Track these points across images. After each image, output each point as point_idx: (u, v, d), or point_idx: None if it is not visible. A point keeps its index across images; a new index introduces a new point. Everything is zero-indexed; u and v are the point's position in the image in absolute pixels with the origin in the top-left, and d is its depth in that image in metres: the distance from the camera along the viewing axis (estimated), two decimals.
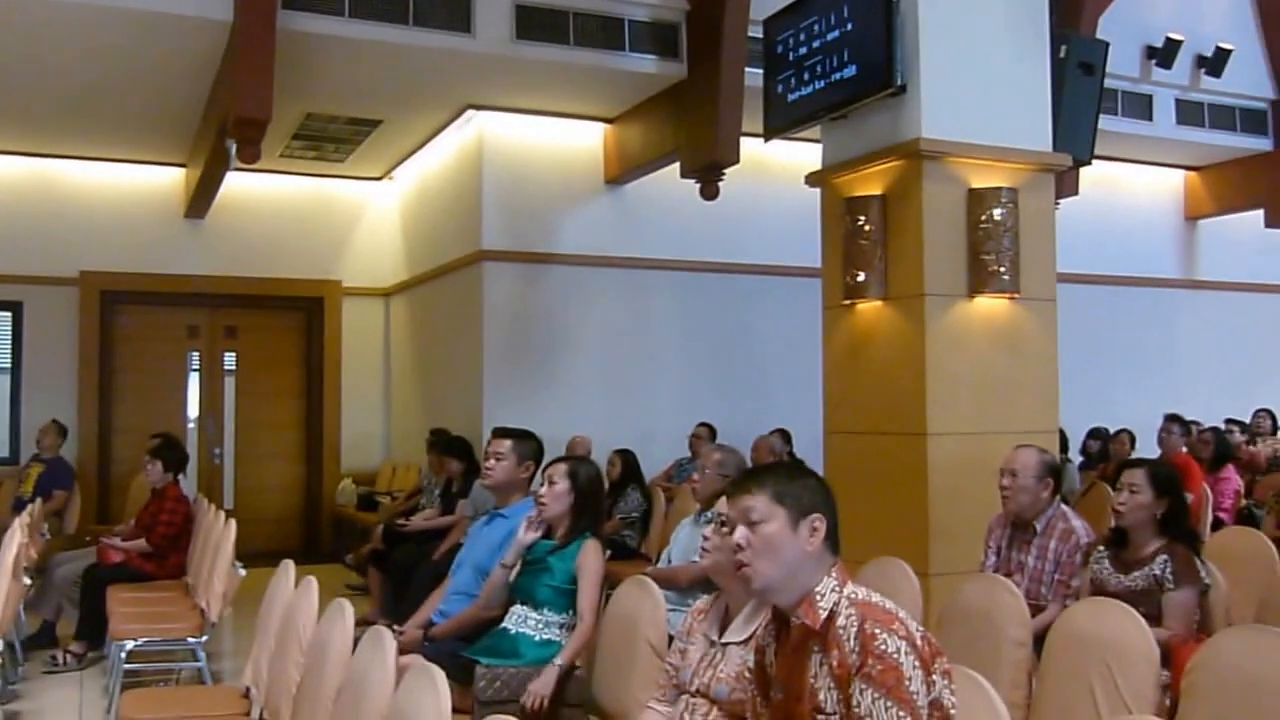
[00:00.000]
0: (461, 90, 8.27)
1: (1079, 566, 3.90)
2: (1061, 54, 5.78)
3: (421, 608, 4.10)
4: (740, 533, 2.12)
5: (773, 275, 9.15)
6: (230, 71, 6.78)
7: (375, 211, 10.96)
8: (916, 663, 1.96)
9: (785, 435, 8.47)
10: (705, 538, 2.72)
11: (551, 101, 8.57)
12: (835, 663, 2.00)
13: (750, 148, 7.61)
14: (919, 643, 2.00)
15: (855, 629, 1.99)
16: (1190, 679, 2.78)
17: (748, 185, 8.73)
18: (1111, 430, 9.09)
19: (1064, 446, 8.59)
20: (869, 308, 5.39)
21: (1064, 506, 4.15)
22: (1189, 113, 9.79)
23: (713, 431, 8.41)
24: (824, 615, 2.06)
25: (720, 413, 8.73)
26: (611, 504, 7.35)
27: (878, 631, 1.97)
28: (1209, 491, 7.44)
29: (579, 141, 9.02)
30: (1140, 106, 9.51)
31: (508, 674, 3.28)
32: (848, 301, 5.45)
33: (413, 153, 9.96)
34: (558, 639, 3.49)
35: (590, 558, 3.55)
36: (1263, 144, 10.12)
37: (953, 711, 2.02)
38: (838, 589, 2.09)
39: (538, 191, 8.87)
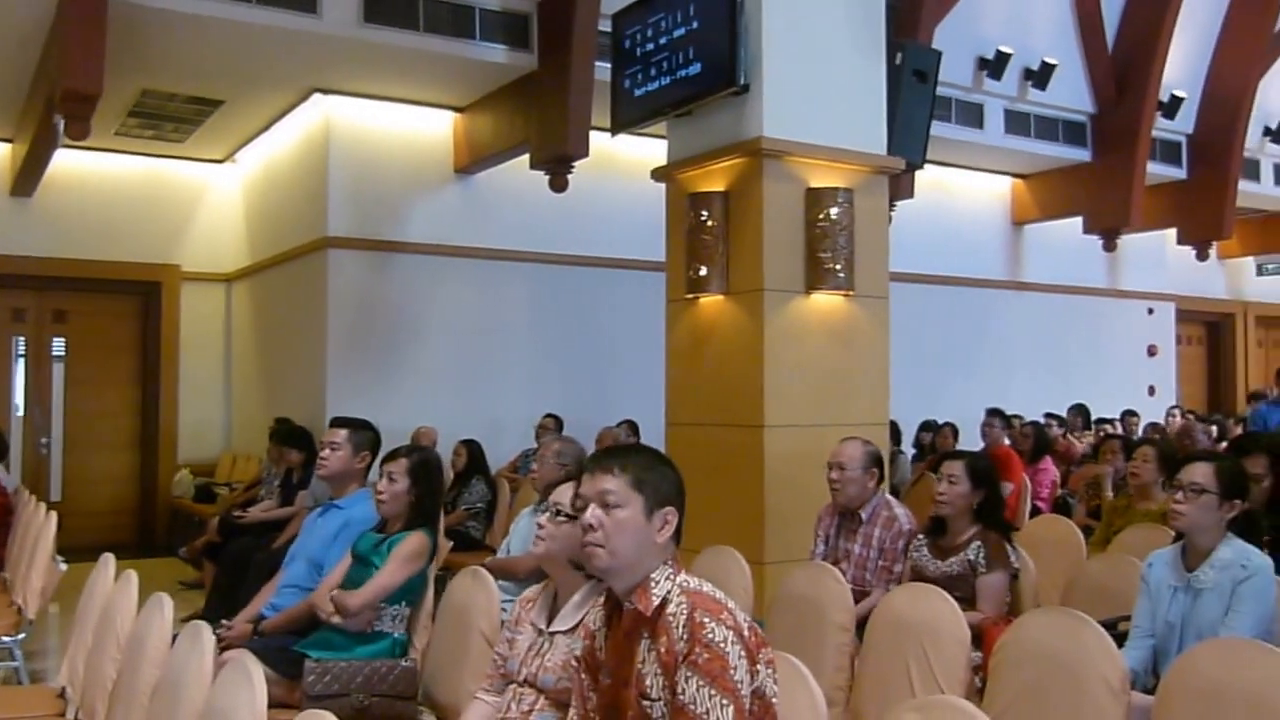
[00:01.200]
0: (307, 72, 8.07)
1: (901, 553, 4.07)
2: (897, 61, 5.98)
3: (253, 601, 4.00)
4: (594, 513, 2.11)
5: (621, 268, 9.22)
6: (58, 42, 6.45)
7: (217, 194, 10.59)
8: (742, 652, 2.00)
9: (633, 426, 8.54)
10: (539, 526, 2.72)
11: (400, 88, 8.46)
12: (663, 649, 2.02)
13: (601, 141, 7.66)
14: (746, 633, 2.03)
15: (685, 617, 2.02)
16: (998, 658, 2.95)
17: (598, 178, 8.78)
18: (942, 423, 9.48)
19: (897, 439, 8.95)
20: (711, 302, 5.50)
21: (888, 496, 4.32)
22: (1017, 123, 10.29)
23: (559, 423, 8.43)
24: (656, 602, 2.08)
25: (568, 404, 8.77)
26: (456, 495, 7.30)
27: (706, 620, 2.00)
28: (1028, 482, 7.86)
29: (428, 129, 8.91)
30: (972, 115, 9.94)
31: (338, 668, 3.23)
32: (690, 295, 5.55)
33: (257, 135, 9.66)
34: (390, 630, 3.45)
35: (404, 546, 3.48)
36: (1082, 155, 10.70)
37: (774, 700, 2.07)
38: (672, 577, 2.12)
39: (385, 178, 8.74)
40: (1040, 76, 10.00)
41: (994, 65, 9.72)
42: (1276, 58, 11.69)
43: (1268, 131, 11.99)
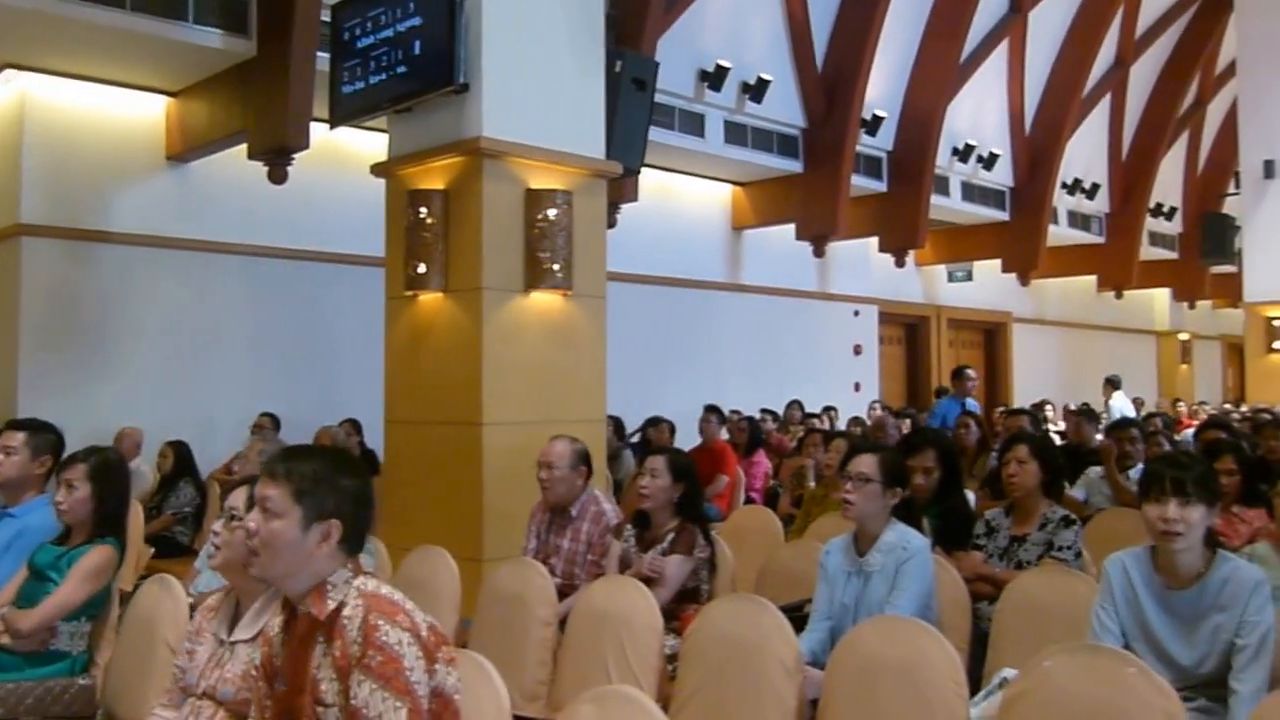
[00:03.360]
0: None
1: (609, 546, 4.21)
2: (617, 69, 6.17)
3: None
4: (252, 519, 2.09)
5: (345, 264, 9.00)
6: None
7: None
8: (419, 653, 2.01)
9: (355, 425, 8.37)
10: (215, 533, 2.63)
11: (105, 68, 7.92)
12: (338, 653, 2.01)
13: (325, 134, 7.44)
14: (424, 633, 2.05)
15: (360, 620, 2.01)
16: (688, 645, 3.12)
17: (322, 171, 8.55)
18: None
19: (621, 434, 9.19)
20: (430, 299, 5.48)
21: (596, 491, 4.44)
22: (735, 133, 10.79)
23: (276, 422, 8.16)
24: (332, 606, 2.06)
25: (289, 402, 8.49)
26: (162, 499, 6.93)
27: (381, 623, 1.99)
28: (742, 474, 8.27)
29: (137, 113, 8.39)
30: (694, 124, 10.35)
31: (5, 690, 3.00)
32: (409, 292, 5.52)
33: None
34: (67, 649, 3.24)
35: (86, 562, 3.28)
36: (794, 166, 11.36)
37: (456, 697, 2.10)
38: (350, 580, 2.10)
39: (88, 163, 8.16)
40: (757, 90, 10.53)
41: (714, 78, 10.16)
42: (963, 85, 12.83)
43: (956, 151, 13.14)
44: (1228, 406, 14.74)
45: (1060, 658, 2.53)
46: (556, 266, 5.36)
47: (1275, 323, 14.20)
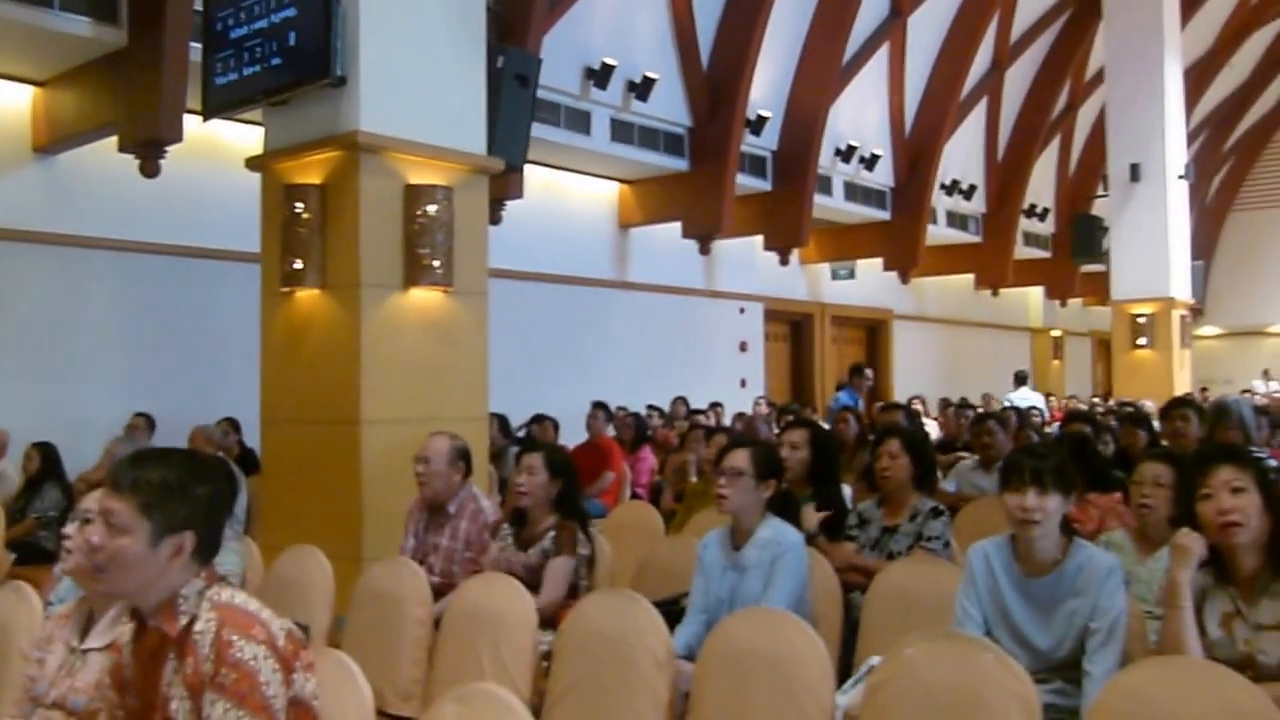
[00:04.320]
0: None
1: (487, 544, 4.19)
2: (499, 65, 6.13)
3: None
4: (94, 532, 1.99)
5: (223, 259, 8.77)
6: None
7: None
8: (276, 665, 1.95)
9: (233, 424, 8.17)
10: (65, 536, 2.53)
11: None
12: (190, 671, 1.94)
13: (200, 126, 7.24)
14: (281, 643, 1.99)
15: (212, 635, 1.93)
16: (561, 641, 3.13)
17: (197, 164, 8.33)
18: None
19: (506, 431, 9.16)
20: (307, 296, 5.38)
21: (475, 489, 4.42)
22: (621, 131, 10.83)
23: (151, 422, 7.92)
24: (184, 621, 1.98)
25: (165, 401, 8.25)
26: (25, 503, 6.68)
27: (234, 639, 1.93)
28: (628, 470, 8.33)
29: (1, 103, 8.05)
30: (580, 121, 10.36)
31: None
32: (286, 289, 5.41)
33: None
34: None
35: None
36: (681, 165, 11.45)
37: (314, 703, 2.05)
38: (202, 592, 2.01)
39: None
40: (642, 89, 10.59)
41: (600, 76, 10.18)
42: (845, 87, 13.11)
43: (839, 152, 13.42)
44: (1096, 400, 15.34)
45: (920, 645, 2.61)
46: (437, 263, 5.31)
47: (1140, 320, 14.82)
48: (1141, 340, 14.81)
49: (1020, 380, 14.23)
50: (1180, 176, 14.90)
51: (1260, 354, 22.85)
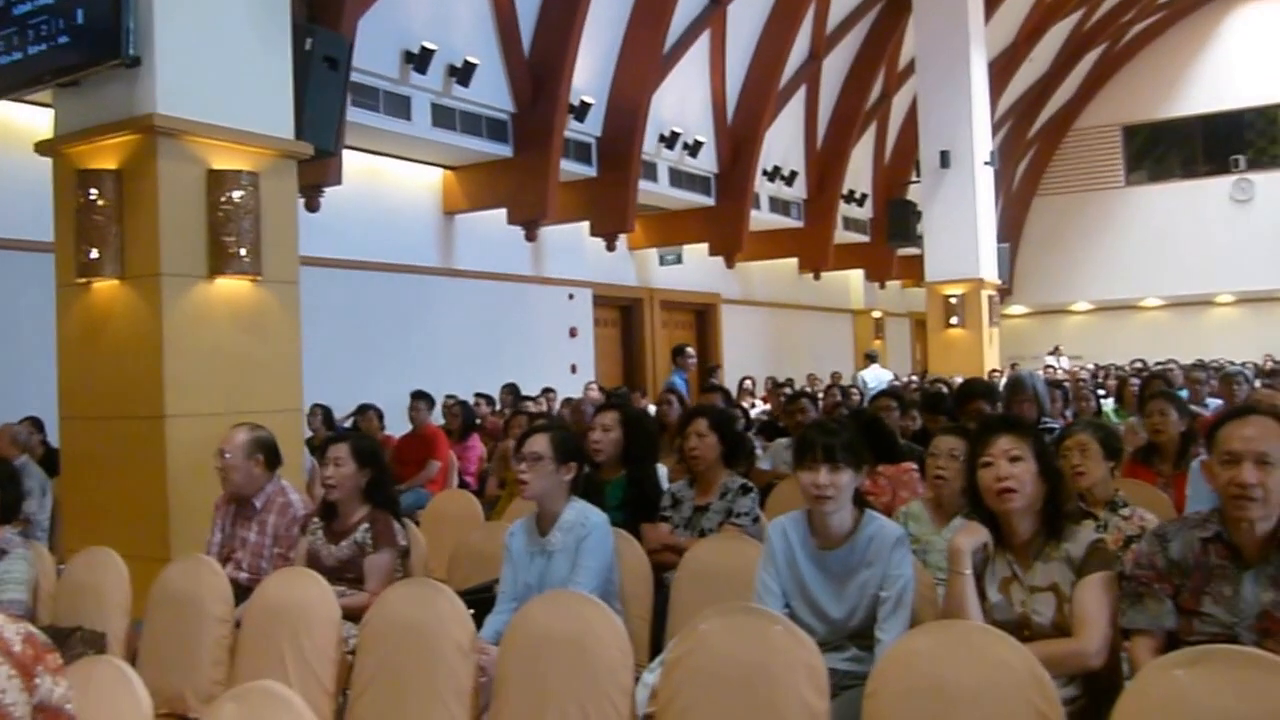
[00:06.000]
0: None
1: (297, 539, 4.11)
2: (307, 46, 5.98)
3: None
4: None
5: (17, 250, 8.27)
6: None
7: None
8: (11, 673, 1.87)
9: (37, 422, 7.73)
10: None
11: None
12: None
13: None
14: (17, 649, 1.91)
15: None
16: (364, 633, 3.11)
17: None
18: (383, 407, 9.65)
19: (330, 423, 8.98)
20: (105, 287, 5.17)
21: (284, 482, 4.32)
22: (443, 117, 10.66)
23: None
24: None
25: None
26: None
27: None
28: (455, 459, 8.27)
29: None
30: (400, 106, 10.16)
31: None
32: (82, 280, 5.18)
33: None
34: None
35: None
36: (504, 150, 11.35)
37: (67, 706, 1.98)
38: None
39: None
40: (463, 74, 10.45)
41: (419, 60, 10.00)
42: (668, 74, 13.26)
43: (663, 138, 13.57)
44: (913, 378, 16.01)
45: (714, 620, 2.69)
46: (243, 251, 5.17)
47: (952, 300, 15.52)
48: (954, 319, 15.51)
49: (871, 359, 14.78)
50: (986, 163, 15.65)
51: (1063, 330, 24.30)
